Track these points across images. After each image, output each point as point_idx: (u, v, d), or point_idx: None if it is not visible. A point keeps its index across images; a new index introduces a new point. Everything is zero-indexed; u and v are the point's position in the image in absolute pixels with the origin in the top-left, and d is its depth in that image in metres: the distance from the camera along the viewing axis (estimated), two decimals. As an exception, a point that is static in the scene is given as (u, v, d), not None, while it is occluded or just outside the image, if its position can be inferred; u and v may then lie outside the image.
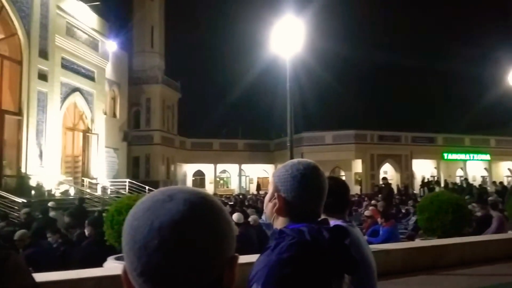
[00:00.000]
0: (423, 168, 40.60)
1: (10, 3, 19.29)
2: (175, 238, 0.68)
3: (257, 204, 17.23)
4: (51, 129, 21.41)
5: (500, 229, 9.56)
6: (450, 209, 8.73)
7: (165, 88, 38.19)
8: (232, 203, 17.42)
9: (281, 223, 1.45)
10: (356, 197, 23.70)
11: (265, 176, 46.30)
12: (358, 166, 38.24)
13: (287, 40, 10.21)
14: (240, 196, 27.42)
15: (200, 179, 43.82)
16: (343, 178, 36.69)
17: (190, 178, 43.43)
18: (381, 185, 30.47)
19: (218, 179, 44.56)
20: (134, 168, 35.14)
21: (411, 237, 10.13)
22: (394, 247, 7.65)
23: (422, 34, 59.83)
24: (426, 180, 35.63)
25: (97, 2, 27.41)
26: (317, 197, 1.47)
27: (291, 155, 9.81)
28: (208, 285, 0.71)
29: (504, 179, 37.49)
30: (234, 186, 44.74)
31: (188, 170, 43.52)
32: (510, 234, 9.51)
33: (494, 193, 22.38)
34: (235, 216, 7.81)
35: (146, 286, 0.69)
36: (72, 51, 24.10)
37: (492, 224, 9.70)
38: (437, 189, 26.89)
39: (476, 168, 42.74)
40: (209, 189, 39.82)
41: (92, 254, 5.85)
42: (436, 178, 37.98)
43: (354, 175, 38.29)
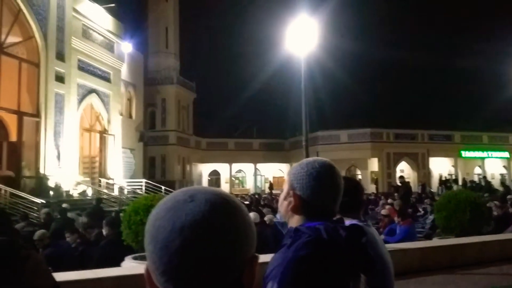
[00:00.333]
0: (440, 166, 40.16)
1: (27, 6, 19.57)
2: (196, 238, 0.69)
3: (273, 204, 17.23)
4: (68, 130, 21.68)
5: (520, 228, 9.41)
6: (468, 208, 8.63)
7: (180, 88, 38.39)
8: (247, 202, 17.45)
9: (296, 221, 1.44)
10: (372, 196, 23.53)
11: (280, 175, 46.26)
12: (374, 164, 38.00)
13: (301, 39, 10.19)
14: (256, 195, 27.44)
15: (215, 179, 43.96)
16: (359, 177, 36.63)
17: (205, 178, 43.60)
18: (397, 184, 30.33)
19: (233, 178, 44.65)
20: (150, 168, 35.41)
21: (428, 236, 10.04)
22: (411, 246, 7.58)
23: (438, 31, 59.19)
24: (443, 178, 35.26)
25: (112, 4, 27.66)
26: (333, 196, 1.47)
27: (307, 154, 9.79)
28: (228, 285, 0.72)
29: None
30: (249, 186, 44.79)
31: (203, 170, 43.69)
32: (530, 232, 9.35)
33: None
34: (251, 216, 7.80)
35: (168, 285, 0.71)
36: (88, 53, 24.36)
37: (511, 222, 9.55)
38: (455, 187, 26.63)
39: (495, 165, 42.13)
40: (224, 188, 39.88)
41: (110, 254, 5.91)
42: (453, 176, 37.57)
43: (370, 174, 38.06)
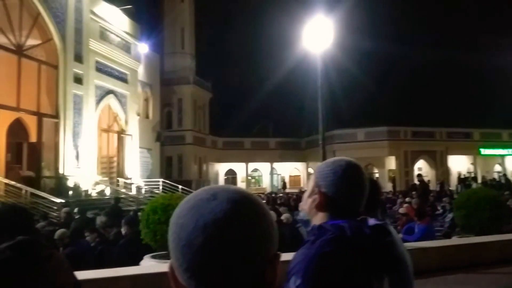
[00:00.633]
0: (459, 164, 39.64)
1: (46, 9, 19.86)
2: (219, 236, 0.71)
3: (290, 202, 17.21)
4: (87, 131, 21.95)
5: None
6: (488, 206, 8.50)
7: (196, 88, 38.57)
8: (264, 201, 17.44)
9: (320, 218, 1.45)
10: (390, 195, 23.36)
11: (296, 174, 46.18)
12: (391, 163, 37.69)
13: (317, 38, 10.15)
14: (272, 194, 27.44)
15: (231, 178, 44.06)
16: (376, 175, 36.37)
17: (222, 177, 43.73)
18: (414, 183, 30.05)
19: (249, 177, 44.70)
20: (167, 168, 35.64)
21: (447, 235, 9.92)
22: (430, 245, 7.50)
23: (456, 27, 58.37)
24: (462, 176, 34.81)
25: (129, 6, 27.90)
26: (358, 194, 1.47)
27: (324, 153, 9.75)
28: (251, 282, 0.73)
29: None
30: (265, 185, 44.79)
31: (220, 169, 43.82)
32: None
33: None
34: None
35: (191, 282, 0.72)
36: (106, 54, 24.62)
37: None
38: (474, 185, 26.27)
39: (515, 163, 41.44)
40: (241, 188, 39.95)
41: (128, 252, 5.97)
42: (472, 174, 37.05)
43: (388, 172, 37.76)
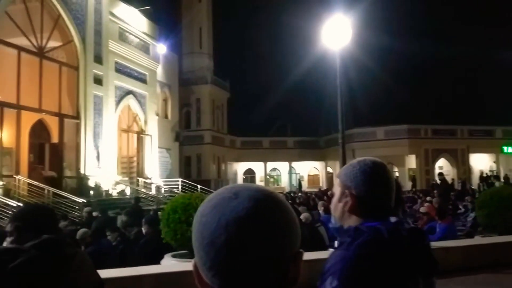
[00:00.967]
0: (481, 162, 38.99)
1: (66, 11, 20.15)
2: (241, 234, 0.71)
3: (309, 202, 17.16)
4: (107, 131, 22.20)
5: None
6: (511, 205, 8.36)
7: (214, 88, 38.71)
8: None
9: (353, 222, 1.43)
10: (410, 194, 23.10)
11: (315, 173, 46.00)
12: (411, 161, 37.28)
13: (336, 35, 10.09)
14: (291, 193, 27.38)
15: (250, 178, 44.10)
16: (396, 174, 36.00)
17: (240, 177, 43.81)
18: (435, 182, 29.68)
19: (268, 177, 44.68)
20: (186, 167, 35.84)
21: (469, 235, 9.77)
22: (453, 244, 7.41)
23: (476, 23, 57.44)
24: (484, 175, 34.23)
25: (147, 7, 28.13)
26: (388, 192, 1.45)
27: (343, 151, 9.69)
28: (274, 280, 0.73)
29: None
30: (284, 184, 44.73)
31: (238, 168, 43.90)
32: None
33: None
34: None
35: (215, 280, 0.73)
36: (125, 55, 24.86)
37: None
38: (497, 184, 25.77)
39: (539, 161, 40.56)
40: (259, 187, 39.93)
41: (149, 251, 6.02)
42: (495, 173, 36.40)
43: (408, 171, 37.36)
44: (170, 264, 5.49)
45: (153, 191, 23.87)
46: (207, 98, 37.85)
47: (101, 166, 21.42)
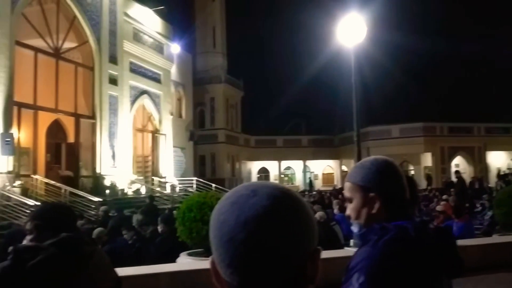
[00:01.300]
0: (498, 160, 38.47)
1: (82, 12, 20.35)
2: (260, 231, 0.71)
3: (323, 200, 17.11)
4: (122, 131, 22.39)
5: None
6: (531, 203, 8.23)
7: (228, 87, 38.78)
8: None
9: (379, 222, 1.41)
10: (426, 192, 22.88)
11: (329, 171, 45.82)
12: (427, 159, 36.94)
13: (351, 33, 10.03)
14: (305, 192, 27.31)
15: (264, 176, 44.09)
16: (412, 172, 35.69)
17: (254, 176, 43.82)
18: (449, 180, 29.38)
19: (282, 175, 44.63)
20: (200, 166, 35.98)
21: (487, 233, 9.65)
22: (470, 243, 7.32)
23: (492, 20, 56.59)
24: (502, 173, 33.75)
25: (161, 7, 28.28)
26: (405, 188, 1.44)
27: (359, 150, 9.63)
28: (292, 277, 0.73)
29: None
30: (298, 183, 44.64)
31: (252, 167, 43.92)
32: None
33: None
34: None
35: (234, 277, 0.73)
36: (139, 55, 25.03)
37: None
38: (515, 182, 25.36)
39: (559, 159, 39.87)
40: (274, 186, 39.86)
41: (165, 250, 6.06)
42: (513, 171, 35.89)
43: (424, 169, 37.02)
44: (186, 262, 5.52)
45: (168, 190, 24.01)
46: (221, 97, 37.94)
47: (117, 165, 21.61)
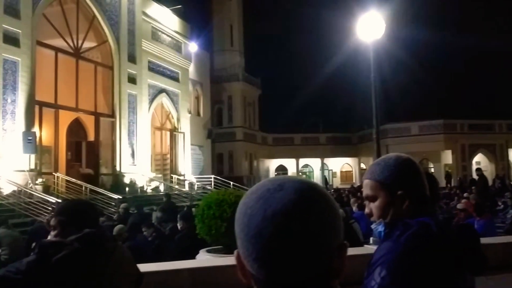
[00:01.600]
0: (521, 158, 37.79)
1: (101, 12, 20.58)
2: (288, 226, 0.71)
3: (342, 198, 17.02)
4: (141, 129, 22.60)
5: None
6: (555, 201, 8.06)
7: (246, 85, 38.81)
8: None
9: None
10: (446, 190, 22.60)
11: (348, 169, 45.58)
12: (447, 157, 36.47)
13: (370, 29, 9.95)
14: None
15: (282, 174, 44.05)
16: (432, 170, 35.27)
17: (272, 173, 43.81)
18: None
19: (300, 173, 44.54)
20: (218, 164, 36.12)
21: (509, 232, 9.50)
22: (492, 241, 7.21)
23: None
24: (524, 170, 33.13)
25: (179, 6, 28.43)
26: (426, 185, 1.44)
27: (378, 147, 9.57)
28: (319, 272, 0.73)
29: None
30: (316, 180, 44.47)
31: (270, 165, 43.93)
32: None
33: None
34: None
35: (261, 271, 0.73)
36: (158, 54, 25.22)
37: None
38: (538, 179, 24.88)
39: None
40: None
41: (185, 247, 6.11)
42: (536, 168, 35.22)
43: (444, 167, 36.57)
44: (205, 259, 5.56)
45: (186, 188, 24.16)
46: (238, 95, 38.01)
47: (136, 163, 21.82)
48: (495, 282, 6.03)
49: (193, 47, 30.07)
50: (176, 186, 23.66)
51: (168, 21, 26.60)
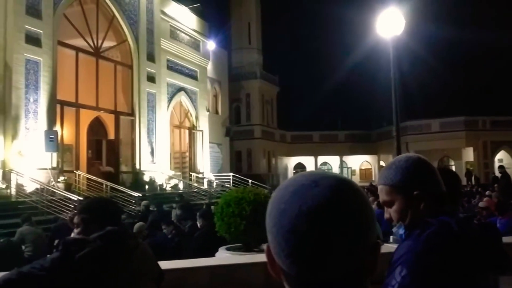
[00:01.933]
0: (545, 155, 36.98)
1: (120, 12, 20.79)
2: (323, 223, 0.71)
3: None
4: (160, 127, 22.78)
5: None
6: None
7: (264, 82, 38.79)
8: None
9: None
10: (468, 188, 22.27)
11: (367, 167, 45.23)
12: (469, 154, 35.91)
13: (390, 26, 9.85)
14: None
15: (300, 172, 43.88)
16: (453, 167, 34.79)
17: (291, 171, 43.75)
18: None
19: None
20: (236, 162, 36.19)
21: (534, 230, 9.30)
22: (515, 240, 7.08)
23: (539, 7, 54.17)
24: (549, 168, 32.41)
25: (197, 4, 28.55)
26: (441, 182, 1.43)
27: (398, 145, 9.47)
28: (352, 270, 0.73)
29: None
30: (335, 178, 44.18)
31: (289, 163, 43.86)
32: None
33: None
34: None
35: (293, 267, 0.73)
36: (176, 52, 25.38)
37: None
38: None
39: None
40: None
41: (204, 244, 6.15)
42: (561, 166, 34.42)
43: (465, 164, 36.03)
44: (225, 256, 5.58)
45: (205, 186, 24.29)
46: (256, 93, 38.01)
47: (155, 161, 22.01)
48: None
49: (211, 45, 30.17)
50: (195, 184, 23.81)
51: (186, 19, 26.74)
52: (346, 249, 0.71)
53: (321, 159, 43.85)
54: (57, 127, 17.22)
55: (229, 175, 27.69)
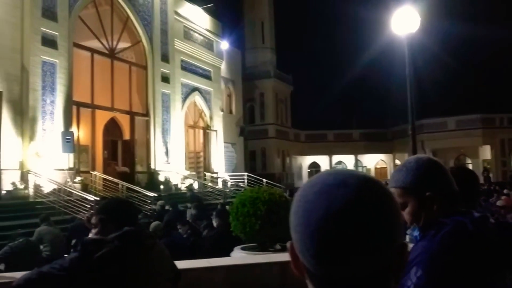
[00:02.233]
0: None
1: (134, 13, 20.95)
2: (351, 224, 0.70)
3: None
4: (174, 127, 22.90)
5: None
6: None
7: (277, 82, 38.75)
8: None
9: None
10: (485, 186, 21.99)
11: (382, 166, 44.94)
12: (486, 152, 35.45)
13: (405, 24, 9.77)
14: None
15: (315, 171, 43.78)
16: (469, 166, 34.39)
17: (305, 170, 43.66)
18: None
19: (334, 170, 44.12)
20: (251, 161, 36.23)
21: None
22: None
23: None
24: None
25: (210, 4, 28.62)
26: (453, 182, 1.42)
27: (414, 143, 9.38)
28: (379, 271, 0.72)
29: None
30: (350, 177, 43.95)
31: (303, 162, 43.77)
32: None
33: None
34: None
35: (318, 267, 0.72)
36: (190, 53, 25.48)
37: None
38: None
39: None
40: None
41: (219, 244, 6.17)
42: None
43: (482, 162, 35.57)
44: (240, 256, 5.59)
45: (220, 185, 24.35)
46: (270, 93, 37.99)
47: (170, 161, 22.13)
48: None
49: (224, 45, 30.23)
50: (210, 184, 23.88)
51: (199, 20, 26.84)
52: (374, 250, 0.71)
53: (336, 158, 43.68)
54: (73, 128, 17.42)
55: (244, 175, 27.72)
